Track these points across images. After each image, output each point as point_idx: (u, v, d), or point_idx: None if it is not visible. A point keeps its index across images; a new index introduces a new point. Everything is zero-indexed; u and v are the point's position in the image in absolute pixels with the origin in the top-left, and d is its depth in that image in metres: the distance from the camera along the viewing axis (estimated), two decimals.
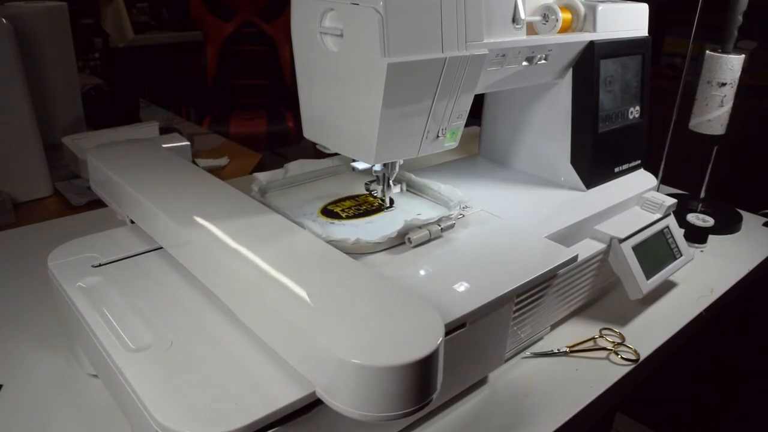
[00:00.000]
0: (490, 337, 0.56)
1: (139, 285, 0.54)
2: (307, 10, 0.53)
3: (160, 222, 0.56)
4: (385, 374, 0.37)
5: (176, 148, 0.97)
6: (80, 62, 2.12)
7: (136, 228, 0.63)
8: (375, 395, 0.37)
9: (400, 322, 0.41)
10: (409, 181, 0.71)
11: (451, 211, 0.63)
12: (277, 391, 0.41)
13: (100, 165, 0.66)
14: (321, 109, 0.58)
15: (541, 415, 0.56)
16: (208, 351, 0.45)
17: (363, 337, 0.39)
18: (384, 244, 0.57)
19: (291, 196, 0.69)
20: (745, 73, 0.90)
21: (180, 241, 0.54)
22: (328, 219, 0.63)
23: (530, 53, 0.64)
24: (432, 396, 0.40)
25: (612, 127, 0.75)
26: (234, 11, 2.21)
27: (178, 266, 0.56)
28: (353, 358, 0.37)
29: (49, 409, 0.54)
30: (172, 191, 0.60)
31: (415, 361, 0.37)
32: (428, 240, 0.59)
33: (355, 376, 0.37)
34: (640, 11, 0.77)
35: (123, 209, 0.64)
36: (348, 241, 0.55)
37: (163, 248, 0.59)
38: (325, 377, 0.39)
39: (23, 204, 0.97)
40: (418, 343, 0.38)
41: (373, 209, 0.66)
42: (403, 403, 0.38)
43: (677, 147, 0.95)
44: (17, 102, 0.94)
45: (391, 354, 0.37)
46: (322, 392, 0.40)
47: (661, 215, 0.76)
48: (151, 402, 0.40)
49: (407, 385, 0.38)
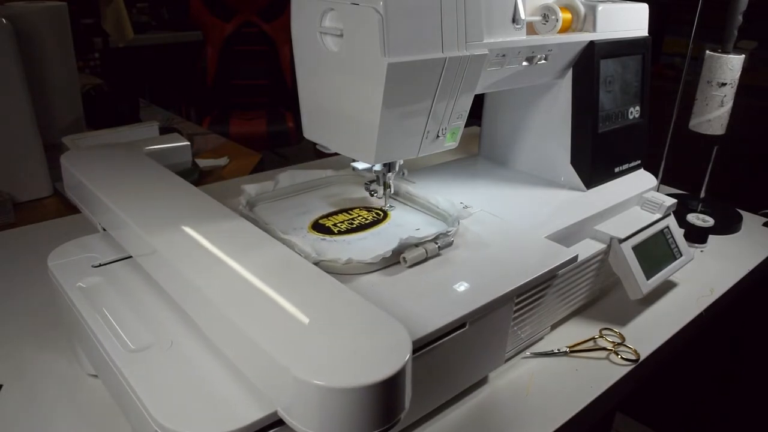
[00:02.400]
0: (490, 337, 0.56)
1: (139, 285, 0.54)
2: (307, 10, 0.53)
3: (127, 231, 0.54)
4: (347, 396, 0.35)
5: (176, 148, 0.97)
6: (80, 62, 2.12)
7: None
8: (338, 417, 0.35)
9: (366, 341, 0.39)
10: (407, 193, 0.69)
11: (449, 227, 0.60)
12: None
13: (73, 170, 0.64)
14: (321, 109, 0.58)
15: (541, 415, 0.56)
16: (208, 351, 0.45)
17: (326, 356, 0.37)
18: (378, 264, 0.54)
19: (281, 210, 0.66)
20: (745, 73, 0.90)
21: (145, 251, 0.51)
22: (319, 234, 0.60)
23: (530, 53, 0.64)
24: (400, 416, 0.38)
25: (612, 127, 0.75)
26: (234, 11, 2.21)
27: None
28: (314, 379, 0.35)
29: (49, 409, 0.54)
30: (142, 199, 0.57)
31: (379, 381, 0.35)
32: (425, 259, 0.56)
33: (317, 397, 0.35)
34: (640, 11, 0.77)
35: (94, 216, 0.61)
36: (340, 261, 0.53)
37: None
38: (286, 397, 0.37)
39: (23, 204, 0.97)
40: (383, 362, 0.36)
41: (367, 223, 0.62)
42: (368, 425, 0.36)
43: (677, 147, 0.95)
44: (17, 102, 0.94)
45: (354, 374, 0.35)
46: (283, 413, 0.38)
47: (661, 215, 0.76)
48: (150, 402, 0.40)
49: (371, 407, 0.35)
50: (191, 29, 2.57)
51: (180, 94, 2.50)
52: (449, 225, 0.61)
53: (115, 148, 0.72)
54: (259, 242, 0.51)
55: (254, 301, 0.42)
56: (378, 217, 0.64)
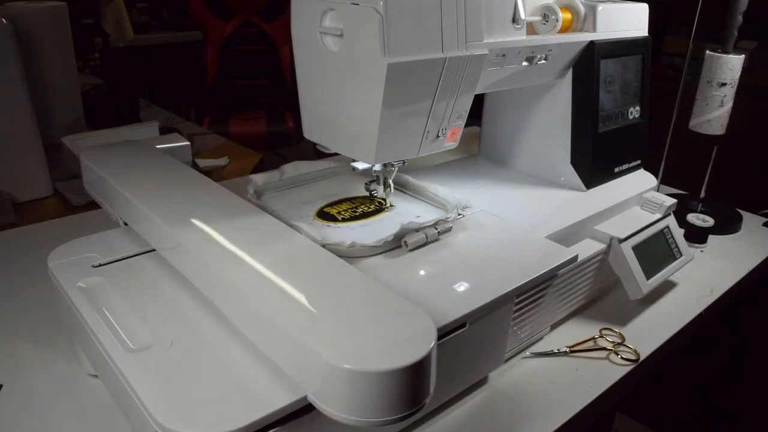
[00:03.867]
0: (490, 337, 0.56)
1: (139, 285, 0.54)
2: (307, 10, 0.53)
3: (151, 224, 0.56)
4: (376, 379, 0.36)
5: (176, 148, 0.97)
6: (80, 62, 2.12)
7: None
8: (366, 401, 0.37)
9: (393, 327, 0.40)
10: (408, 183, 0.71)
11: (448, 213, 0.62)
12: (269, 394, 0.40)
13: (93, 166, 0.66)
14: (321, 109, 0.58)
15: (541, 415, 0.56)
16: (208, 351, 0.45)
17: (355, 341, 0.39)
18: (380, 247, 0.56)
19: (287, 198, 0.68)
20: (745, 73, 0.90)
21: (171, 244, 0.53)
22: (324, 222, 0.63)
23: (530, 53, 0.64)
24: (425, 401, 0.39)
25: (612, 127, 0.75)
26: (234, 11, 2.21)
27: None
28: (344, 363, 0.36)
29: (49, 409, 0.54)
30: (164, 193, 0.59)
31: (407, 365, 0.36)
32: (425, 243, 0.58)
33: (347, 381, 0.36)
34: (640, 11, 0.77)
35: (116, 211, 0.63)
36: (344, 245, 0.55)
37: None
38: (315, 382, 0.39)
39: (23, 204, 0.97)
40: (410, 347, 0.38)
41: (370, 211, 0.65)
42: (396, 409, 0.38)
43: (677, 147, 0.95)
44: (17, 102, 0.94)
45: (383, 359, 0.37)
46: (313, 397, 0.39)
47: (661, 215, 0.76)
48: (150, 402, 0.40)
49: (399, 391, 0.37)
50: (191, 29, 2.57)
51: (180, 94, 2.50)
52: (448, 212, 0.63)
53: (132, 145, 0.74)
54: (281, 233, 0.53)
55: (281, 290, 0.44)
56: (380, 206, 0.66)
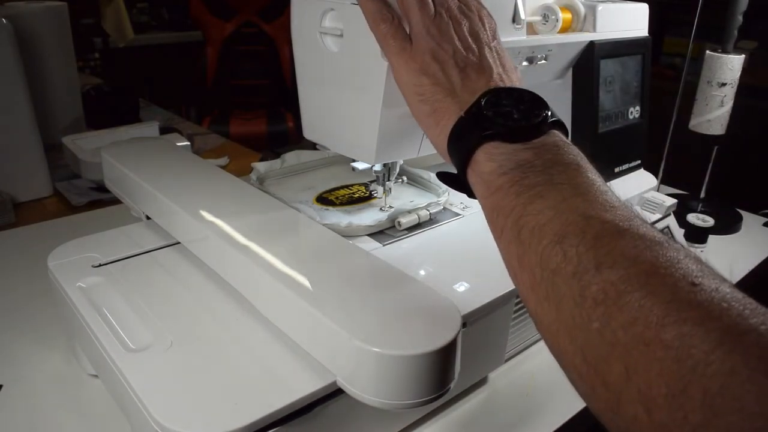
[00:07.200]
0: (490, 337, 0.56)
1: (139, 285, 0.54)
2: (307, 10, 0.53)
3: (177, 217, 0.57)
4: (406, 363, 0.38)
5: None
6: (80, 62, 2.12)
7: (136, 228, 0.63)
8: (395, 384, 0.38)
9: (419, 313, 0.42)
10: (401, 172, 0.72)
11: (439, 197, 0.66)
12: (268, 394, 0.40)
13: (115, 162, 0.67)
14: (321, 110, 0.58)
15: (541, 415, 0.56)
16: (208, 351, 0.45)
17: (384, 326, 0.40)
18: (375, 227, 0.60)
19: (287, 185, 0.72)
20: (745, 73, 0.90)
21: (198, 236, 0.55)
22: (323, 206, 0.66)
23: (530, 53, 0.64)
24: (450, 385, 0.41)
25: (612, 127, 0.75)
26: (234, 11, 2.21)
27: (179, 266, 0.56)
28: (375, 347, 0.38)
29: (49, 409, 0.54)
30: (187, 187, 0.61)
31: (436, 350, 0.38)
32: (417, 224, 0.61)
33: (376, 364, 0.38)
34: (640, 11, 0.77)
35: (138, 206, 0.64)
36: (340, 225, 0.58)
37: (163, 248, 0.59)
38: (346, 366, 0.40)
39: (23, 204, 0.97)
40: (437, 332, 0.39)
41: (366, 197, 0.68)
42: (423, 392, 0.39)
43: (677, 147, 0.95)
44: (17, 102, 0.94)
45: (412, 343, 0.38)
46: (342, 382, 0.41)
47: (661, 215, 0.76)
48: (150, 402, 0.40)
49: (427, 374, 0.38)
50: (191, 29, 2.57)
51: (180, 94, 2.50)
52: (438, 196, 0.68)
53: (148, 141, 0.77)
54: (304, 225, 0.56)
55: (309, 277, 0.45)
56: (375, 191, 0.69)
